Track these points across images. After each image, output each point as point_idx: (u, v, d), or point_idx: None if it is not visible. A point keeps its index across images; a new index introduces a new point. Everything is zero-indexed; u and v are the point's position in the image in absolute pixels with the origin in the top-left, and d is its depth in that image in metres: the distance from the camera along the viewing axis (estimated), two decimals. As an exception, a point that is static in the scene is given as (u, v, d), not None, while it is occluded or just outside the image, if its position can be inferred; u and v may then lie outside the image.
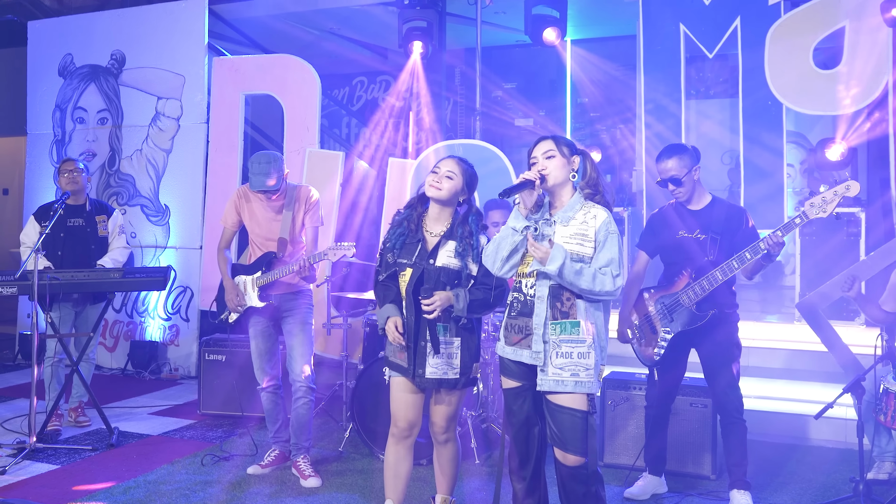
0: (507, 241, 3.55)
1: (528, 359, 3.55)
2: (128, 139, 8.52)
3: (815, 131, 8.89)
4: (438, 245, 3.86)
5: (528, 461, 3.70)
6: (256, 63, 8.09)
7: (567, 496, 3.61)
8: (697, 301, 4.49)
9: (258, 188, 4.95)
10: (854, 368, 5.77)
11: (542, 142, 3.64)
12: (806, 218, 4.30)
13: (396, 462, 4.01)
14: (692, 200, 4.64)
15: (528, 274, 3.58)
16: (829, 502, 4.65)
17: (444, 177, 3.86)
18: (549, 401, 3.54)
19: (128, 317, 8.31)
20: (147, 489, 4.86)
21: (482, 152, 7.18)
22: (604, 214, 3.54)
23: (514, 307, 3.63)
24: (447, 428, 4.01)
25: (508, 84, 10.62)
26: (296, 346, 5.04)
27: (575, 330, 3.50)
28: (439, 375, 3.86)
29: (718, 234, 4.53)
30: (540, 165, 3.55)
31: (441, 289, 3.80)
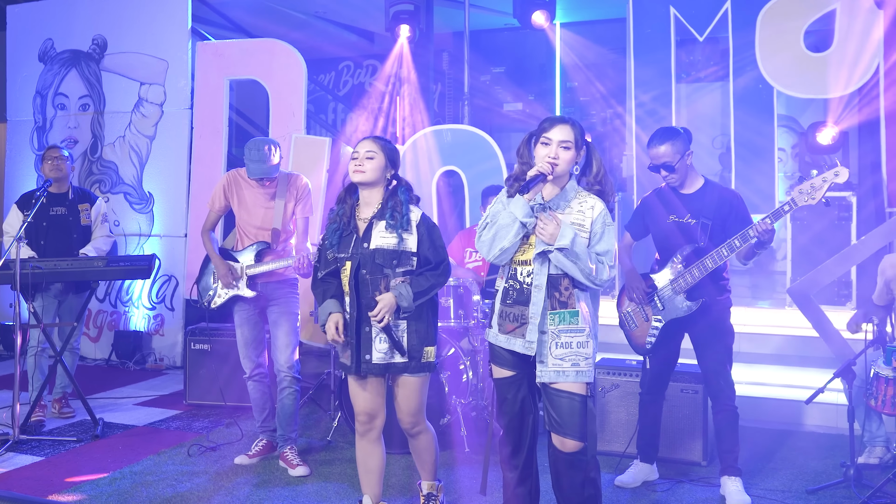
0: (508, 230, 3.48)
1: (520, 348, 3.54)
2: (110, 126, 8.46)
3: (807, 115, 8.92)
4: (370, 227, 3.84)
5: (520, 450, 3.70)
6: (241, 48, 8.04)
7: (562, 484, 3.59)
8: (688, 288, 4.50)
9: (257, 175, 4.92)
10: (845, 353, 5.80)
11: (561, 125, 3.52)
12: (795, 205, 4.31)
13: (365, 458, 4.01)
14: (685, 185, 4.63)
15: (523, 262, 3.57)
16: (819, 487, 4.68)
17: (365, 158, 3.83)
18: (548, 385, 3.53)
19: (112, 306, 8.28)
20: (133, 480, 4.86)
21: (471, 137, 7.19)
22: (601, 205, 3.54)
23: (509, 294, 3.59)
24: (415, 421, 3.98)
25: (497, 68, 10.60)
26: (281, 336, 5.04)
27: (574, 319, 3.50)
28: (386, 360, 3.83)
29: (710, 219, 4.52)
30: (552, 152, 3.48)
31: (379, 272, 3.77)
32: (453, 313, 5.64)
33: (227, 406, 6.12)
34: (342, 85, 11.81)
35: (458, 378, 5.53)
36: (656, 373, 4.76)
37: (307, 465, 5.02)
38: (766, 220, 4.29)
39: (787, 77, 6.78)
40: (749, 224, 4.48)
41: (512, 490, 3.76)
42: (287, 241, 5.15)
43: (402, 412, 3.96)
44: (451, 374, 5.45)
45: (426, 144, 7.12)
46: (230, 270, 5.03)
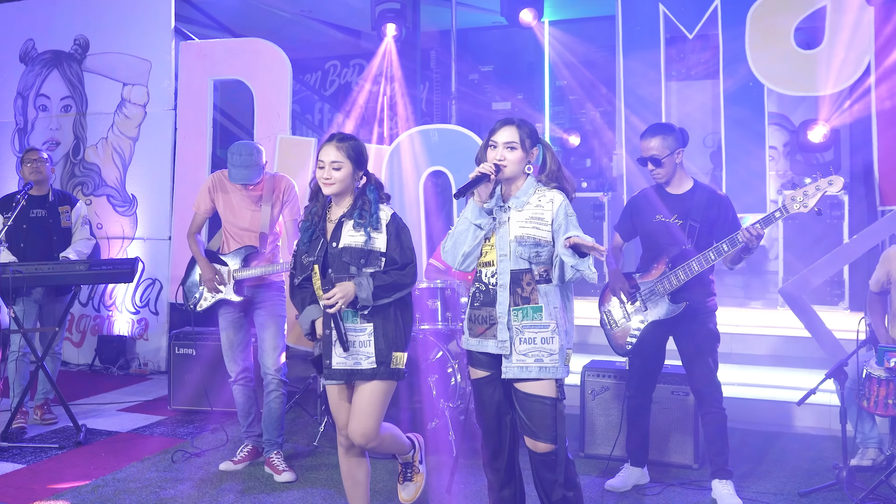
0: (466, 235, 3.52)
1: (493, 349, 3.56)
2: (93, 127, 8.43)
3: (799, 112, 8.92)
4: (339, 226, 3.75)
5: (500, 451, 3.70)
6: (225, 47, 8.01)
7: (541, 484, 3.62)
8: (673, 291, 4.49)
9: (239, 181, 4.91)
10: (837, 354, 5.81)
11: (505, 128, 3.58)
12: (786, 212, 4.30)
13: (350, 469, 3.93)
14: (672, 183, 4.62)
15: (486, 263, 3.59)
16: (811, 490, 4.68)
17: (331, 169, 3.72)
18: (517, 389, 3.55)
19: (95, 311, 8.24)
20: (116, 487, 4.83)
21: (458, 137, 7.17)
22: (560, 197, 3.56)
23: (476, 297, 3.63)
24: (371, 436, 3.76)
25: (485, 67, 10.60)
26: (267, 339, 5.02)
27: (537, 315, 3.51)
28: (350, 366, 3.72)
29: (697, 221, 4.52)
30: (498, 154, 3.52)
31: (345, 271, 3.68)
32: (441, 315, 5.62)
33: (213, 411, 6.09)
34: (329, 84, 11.79)
35: (445, 381, 5.51)
36: (642, 375, 4.76)
37: (293, 470, 5.00)
38: (756, 226, 4.28)
39: (777, 74, 6.78)
40: (737, 228, 4.49)
41: (496, 493, 3.76)
42: (274, 243, 5.14)
43: (359, 423, 3.73)
44: (439, 378, 5.44)
45: (412, 145, 7.09)
46: (217, 274, 5.01)
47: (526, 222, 3.53)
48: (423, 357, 5.47)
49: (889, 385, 4.71)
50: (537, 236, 3.51)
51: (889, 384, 4.71)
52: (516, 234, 3.53)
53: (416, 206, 7.12)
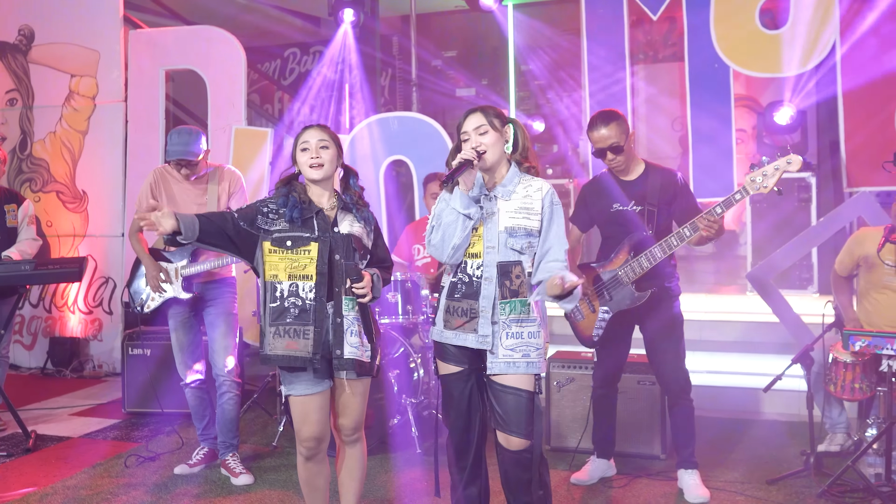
0: (455, 227, 3.46)
1: (473, 343, 3.52)
2: (40, 121, 8.29)
3: (768, 94, 9.00)
4: (337, 216, 3.68)
5: (468, 449, 3.67)
6: (176, 36, 7.94)
7: (511, 483, 3.59)
8: (637, 279, 4.47)
9: (176, 156, 4.84)
10: (806, 338, 5.85)
11: (471, 116, 3.58)
12: (746, 193, 4.26)
13: (311, 478, 3.80)
14: (627, 170, 4.59)
15: (472, 254, 3.54)
16: (779, 478, 4.72)
17: (319, 148, 3.65)
18: (494, 381, 3.52)
19: (46, 311, 8.14)
20: (65, 495, 4.77)
21: (419, 125, 7.16)
22: (546, 186, 3.58)
23: (457, 289, 3.56)
24: (356, 427, 3.77)
25: (448, 52, 10.57)
26: (218, 338, 4.97)
27: (525, 309, 3.51)
28: (357, 355, 3.63)
29: (654, 205, 4.50)
30: (474, 142, 3.51)
31: (352, 256, 3.63)
32: (401, 309, 5.60)
33: (169, 413, 6.02)
34: (288, 73, 11.73)
35: (407, 377, 5.50)
36: (608, 366, 4.75)
37: (251, 472, 4.97)
38: (715, 209, 4.27)
39: (742, 56, 6.81)
40: (694, 205, 4.50)
41: (461, 492, 3.73)
42: None
43: (349, 418, 3.72)
44: (401, 373, 5.43)
45: (371, 134, 7.06)
46: (161, 272, 4.95)
47: (516, 212, 3.52)
48: (385, 352, 5.45)
49: (855, 369, 4.76)
50: (528, 227, 3.51)
51: (855, 368, 4.76)
52: (507, 225, 3.50)
53: (375, 197, 7.09)
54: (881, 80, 6.43)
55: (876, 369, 4.64)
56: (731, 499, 4.51)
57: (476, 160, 3.45)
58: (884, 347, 4.40)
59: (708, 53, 6.92)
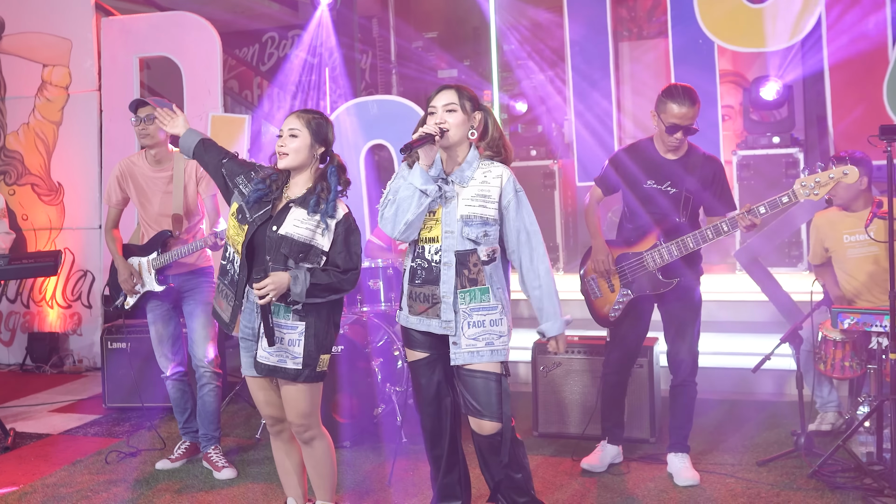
0: (411, 202, 3.43)
1: (437, 328, 3.52)
2: (13, 112, 8.21)
3: (755, 69, 8.95)
4: (287, 210, 3.63)
5: (441, 437, 3.68)
6: (149, 22, 7.84)
7: (490, 468, 3.61)
8: (663, 266, 4.40)
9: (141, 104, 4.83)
10: (796, 317, 5.84)
11: (443, 91, 3.55)
12: (795, 198, 4.20)
13: (281, 458, 3.90)
14: (677, 149, 4.45)
15: (430, 238, 3.52)
16: (770, 459, 4.71)
17: (288, 136, 3.64)
18: (461, 367, 3.52)
19: (24, 306, 8.07)
20: (44, 493, 4.73)
21: (399, 108, 7.10)
22: (507, 173, 3.55)
23: (417, 274, 3.56)
24: (307, 424, 3.72)
25: (429, 34, 10.49)
26: (197, 329, 4.93)
27: (485, 297, 3.50)
28: (273, 363, 3.62)
29: (692, 192, 4.41)
30: (438, 118, 3.47)
31: (282, 263, 3.56)
32: (383, 296, 5.57)
33: (150, 408, 5.98)
34: (267, 58, 11.62)
35: (391, 365, 5.48)
36: (623, 349, 4.65)
37: (234, 466, 4.94)
38: (758, 209, 4.20)
39: (726, 31, 6.77)
40: (730, 197, 4.45)
41: (440, 480, 3.73)
42: (197, 226, 5.03)
43: (292, 414, 3.71)
44: (384, 361, 5.40)
45: (349, 118, 7.01)
46: (131, 275, 4.92)
47: (472, 200, 3.49)
48: (367, 340, 5.42)
49: (845, 347, 4.76)
50: (485, 215, 3.49)
51: (845, 346, 4.76)
52: (462, 214, 3.48)
53: (356, 182, 7.03)
54: (868, 53, 6.40)
55: (866, 346, 4.64)
56: (722, 481, 4.51)
57: (439, 137, 3.41)
58: (873, 324, 4.39)
59: (692, 29, 6.87)
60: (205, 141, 3.94)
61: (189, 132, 3.98)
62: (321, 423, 3.81)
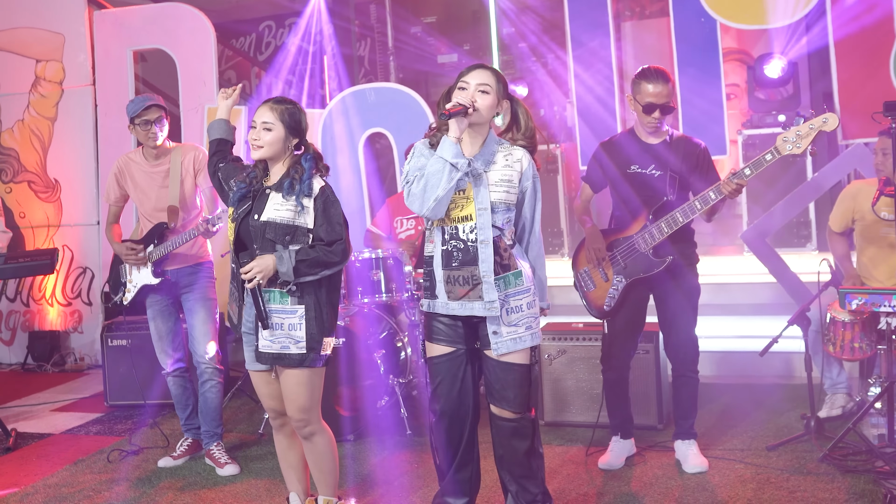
0: (441, 177, 3.33)
1: (480, 311, 3.44)
2: (7, 109, 8.22)
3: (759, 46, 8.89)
4: (265, 198, 3.66)
5: (459, 434, 3.62)
6: (142, 14, 7.85)
7: (507, 456, 3.58)
8: (654, 245, 4.39)
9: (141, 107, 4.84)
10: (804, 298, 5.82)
11: (480, 70, 3.48)
12: (778, 154, 4.15)
13: (283, 452, 3.93)
14: (656, 132, 4.45)
15: (464, 217, 3.45)
16: (779, 443, 4.69)
17: (262, 129, 3.65)
18: (490, 358, 3.49)
19: (24, 305, 8.10)
20: (46, 494, 4.74)
21: (397, 96, 7.09)
22: (527, 157, 3.54)
23: (453, 256, 3.47)
24: (307, 419, 3.72)
25: (428, 18, 10.43)
26: (197, 325, 4.94)
27: (519, 280, 3.49)
28: (276, 350, 3.63)
29: (677, 172, 4.40)
30: (472, 95, 3.41)
31: (269, 247, 3.59)
32: (384, 287, 5.54)
33: (151, 405, 5.99)
34: (264, 47, 11.57)
35: (394, 356, 5.47)
36: (622, 341, 4.58)
37: (237, 462, 4.95)
38: (744, 171, 4.17)
39: (728, 8, 6.71)
40: (716, 180, 4.37)
41: (451, 475, 3.68)
42: (195, 219, 5.02)
43: (292, 408, 3.71)
44: (387, 353, 5.39)
45: (346, 107, 6.99)
46: (131, 249, 4.91)
47: (497, 185, 3.46)
48: (369, 332, 5.42)
49: (854, 328, 4.73)
50: (508, 201, 3.48)
51: (854, 327, 4.73)
52: (491, 200, 3.44)
53: (355, 171, 7.04)
54: (873, 28, 6.33)
55: (875, 327, 4.59)
56: (731, 467, 4.49)
57: (472, 110, 3.36)
58: (881, 305, 4.35)
59: (694, 7, 6.82)
60: (219, 141, 4.05)
61: (218, 122, 4.09)
62: (322, 418, 3.81)
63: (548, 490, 3.68)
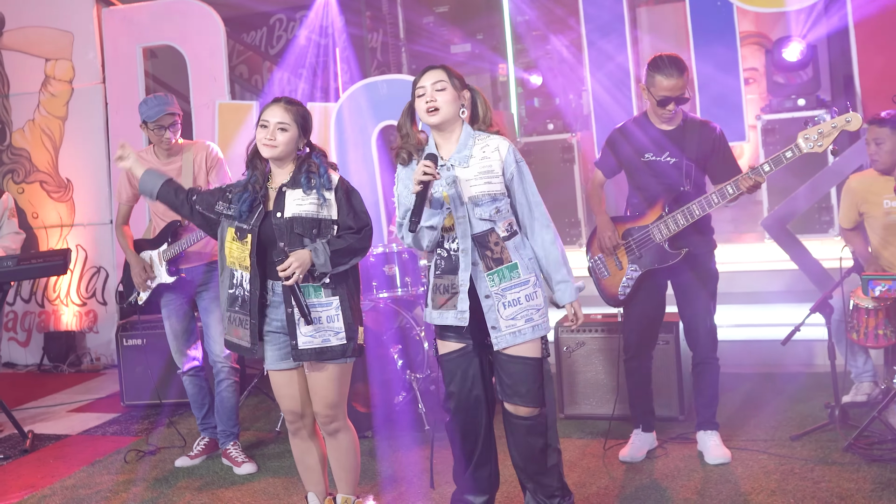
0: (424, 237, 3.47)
1: (452, 321, 3.50)
2: (17, 109, 8.26)
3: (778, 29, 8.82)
4: (282, 196, 3.68)
5: (475, 432, 3.63)
6: (151, 11, 7.86)
7: (523, 454, 3.58)
8: (671, 237, 4.36)
9: (160, 112, 4.84)
10: (827, 286, 5.78)
11: (431, 71, 3.55)
12: (798, 152, 4.13)
13: (301, 455, 3.92)
14: (670, 120, 4.43)
15: (448, 228, 3.51)
16: (803, 433, 4.67)
17: (277, 130, 3.65)
18: (501, 353, 3.50)
19: (38, 306, 8.15)
20: (64, 496, 4.78)
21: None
22: (505, 143, 3.53)
23: (438, 266, 3.56)
24: (334, 415, 3.76)
25: (440, 8, 10.40)
26: (213, 324, 4.95)
27: (514, 273, 3.47)
28: (318, 345, 3.65)
29: (693, 160, 4.38)
30: (429, 97, 3.47)
31: (298, 243, 3.61)
32: (400, 281, 5.55)
33: (168, 404, 6.03)
34: (276, 41, 11.58)
35: (411, 351, 5.47)
36: (641, 330, 4.58)
37: (254, 460, 4.97)
38: (762, 168, 4.15)
39: (744, -10, 6.68)
40: (734, 163, 4.37)
41: (470, 473, 3.68)
42: None
43: (321, 404, 3.74)
44: (404, 348, 5.40)
45: (358, 100, 6.98)
46: (143, 269, 4.96)
47: (476, 179, 3.47)
48: (385, 327, 5.42)
49: (878, 315, 4.70)
50: (492, 191, 3.47)
51: (878, 314, 4.69)
52: (470, 196, 3.46)
53: (369, 165, 7.03)
54: (894, 8, 6.27)
55: (899, 314, 4.57)
56: (754, 458, 4.48)
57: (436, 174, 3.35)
58: (906, 291, 4.33)
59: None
60: (169, 181, 3.91)
61: (148, 174, 3.91)
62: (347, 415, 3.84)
63: (567, 484, 3.68)
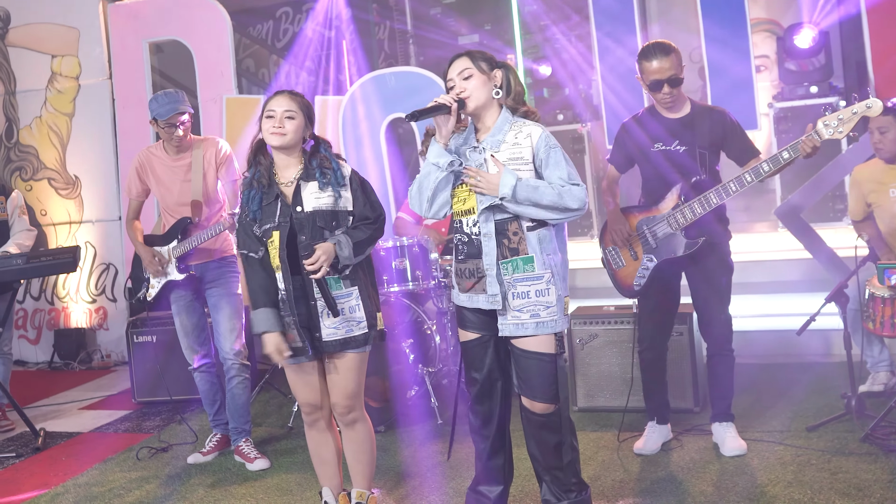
0: (429, 179, 3.47)
1: (484, 304, 3.50)
2: (24, 106, 8.29)
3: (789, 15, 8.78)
4: (299, 190, 3.69)
5: (491, 418, 3.66)
6: (157, 5, 7.86)
7: (539, 449, 3.59)
8: (686, 226, 4.34)
9: (171, 111, 4.82)
10: (842, 274, 5.76)
11: (456, 61, 3.54)
12: (818, 138, 4.09)
13: (316, 448, 3.94)
14: (675, 107, 4.42)
15: (466, 211, 3.51)
16: (820, 423, 4.66)
17: (284, 118, 3.67)
18: (514, 346, 3.51)
19: (48, 303, 8.18)
20: (76, 494, 4.80)
21: (417, 80, 7.06)
22: (538, 130, 3.48)
23: (459, 250, 3.56)
24: (352, 405, 3.79)
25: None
26: (223, 321, 4.96)
27: (529, 266, 3.45)
28: (342, 335, 3.69)
29: (705, 148, 4.36)
30: (458, 88, 3.47)
31: (320, 236, 3.64)
32: (410, 275, 5.54)
33: (181, 400, 6.04)
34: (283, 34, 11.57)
35: (423, 345, 5.47)
36: (656, 321, 4.57)
37: (266, 456, 4.98)
38: (782, 155, 4.12)
39: (755, -23, 6.65)
40: (750, 144, 4.37)
41: (485, 462, 3.72)
42: (218, 213, 5.05)
43: (340, 394, 3.77)
44: (415, 342, 5.40)
45: (366, 93, 6.98)
46: (155, 257, 4.96)
47: (505, 164, 3.45)
48: (396, 321, 5.42)
49: (894, 303, 4.67)
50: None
51: (894, 303, 4.67)
52: None
53: (378, 158, 7.03)
54: (907, -7, 6.25)
55: (916, 302, 4.55)
56: (770, 449, 4.47)
57: (455, 107, 3.39)
58: (922, 279, 4.31)
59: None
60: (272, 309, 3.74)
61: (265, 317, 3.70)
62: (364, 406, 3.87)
63: (583, 479, 3.68)
